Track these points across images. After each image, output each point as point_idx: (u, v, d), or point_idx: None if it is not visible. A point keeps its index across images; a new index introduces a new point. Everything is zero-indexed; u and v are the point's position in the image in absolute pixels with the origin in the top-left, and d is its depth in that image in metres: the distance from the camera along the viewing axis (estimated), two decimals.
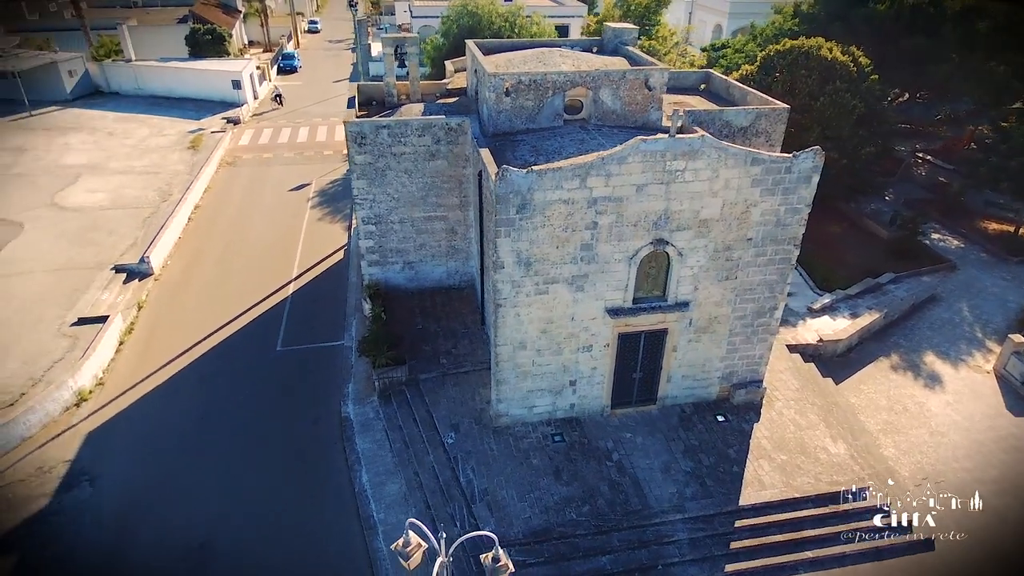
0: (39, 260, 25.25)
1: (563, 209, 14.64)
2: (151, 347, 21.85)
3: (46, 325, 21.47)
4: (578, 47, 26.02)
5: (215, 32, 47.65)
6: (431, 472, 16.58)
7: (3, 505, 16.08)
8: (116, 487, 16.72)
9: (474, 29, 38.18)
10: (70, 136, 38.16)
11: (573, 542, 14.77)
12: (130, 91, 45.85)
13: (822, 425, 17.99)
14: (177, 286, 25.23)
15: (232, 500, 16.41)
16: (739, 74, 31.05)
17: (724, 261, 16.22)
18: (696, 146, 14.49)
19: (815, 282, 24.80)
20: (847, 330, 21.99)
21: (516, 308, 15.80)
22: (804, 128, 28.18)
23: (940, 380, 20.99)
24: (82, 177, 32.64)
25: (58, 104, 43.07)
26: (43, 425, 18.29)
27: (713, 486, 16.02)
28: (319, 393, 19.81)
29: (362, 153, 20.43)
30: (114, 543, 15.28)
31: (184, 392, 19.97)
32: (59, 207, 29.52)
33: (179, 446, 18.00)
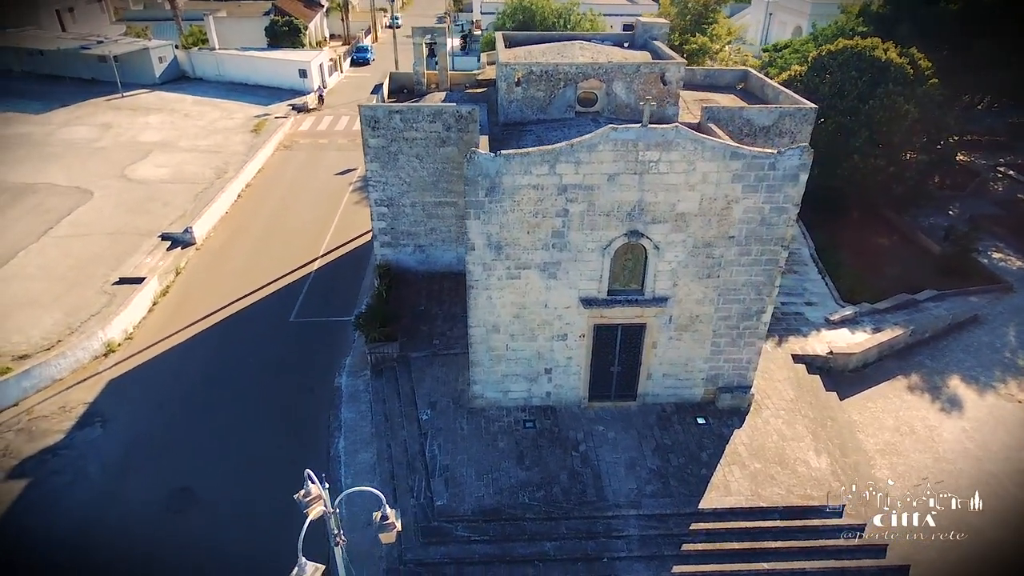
0: (99, 224, 27.76)
1: (533, 194, 14.77)
2: (181, 309, 23.61)
3: (92, 282, 23.63)
4: (608, 41, 25.87)
5: (292, 24, 50.38)
6: (402, 445, 17.12)
7: (25, 436, 17.95)
8: (122, 430, 18.29)
9: (527, 24, 38.61)
10: (151, 116, 41.50)
11: (521, 525, 14.89)
12: (212, 77, 49.23)
13: (809, 438, 17.18)
14: (215, 256, 27.07)
15: (219, 452, 17.58)
16: (788, 74, 29.87)
17: (704, 258, 15.82)
18: (670, 137, 14.24)
19: (841, 293, 23.53)
20: (862, 344, 20.81)
21: (488, 291, 16.06)
22: (851, 132, 26.79)
23: (960, 405, 19.52)
24: (152, 153, 35.47)
25: (147, 87, 46.86)
26: (72, 369, 20.21)
27: (676, 486, 15.68)
28: (320, 363, 20.79)
29: (375, 136, 21.24)
30: (109, 479, 16.76)
31: (200, 352, 21.48)
32: (127, 179, 32.25)
33: (185, 400, 19.42)
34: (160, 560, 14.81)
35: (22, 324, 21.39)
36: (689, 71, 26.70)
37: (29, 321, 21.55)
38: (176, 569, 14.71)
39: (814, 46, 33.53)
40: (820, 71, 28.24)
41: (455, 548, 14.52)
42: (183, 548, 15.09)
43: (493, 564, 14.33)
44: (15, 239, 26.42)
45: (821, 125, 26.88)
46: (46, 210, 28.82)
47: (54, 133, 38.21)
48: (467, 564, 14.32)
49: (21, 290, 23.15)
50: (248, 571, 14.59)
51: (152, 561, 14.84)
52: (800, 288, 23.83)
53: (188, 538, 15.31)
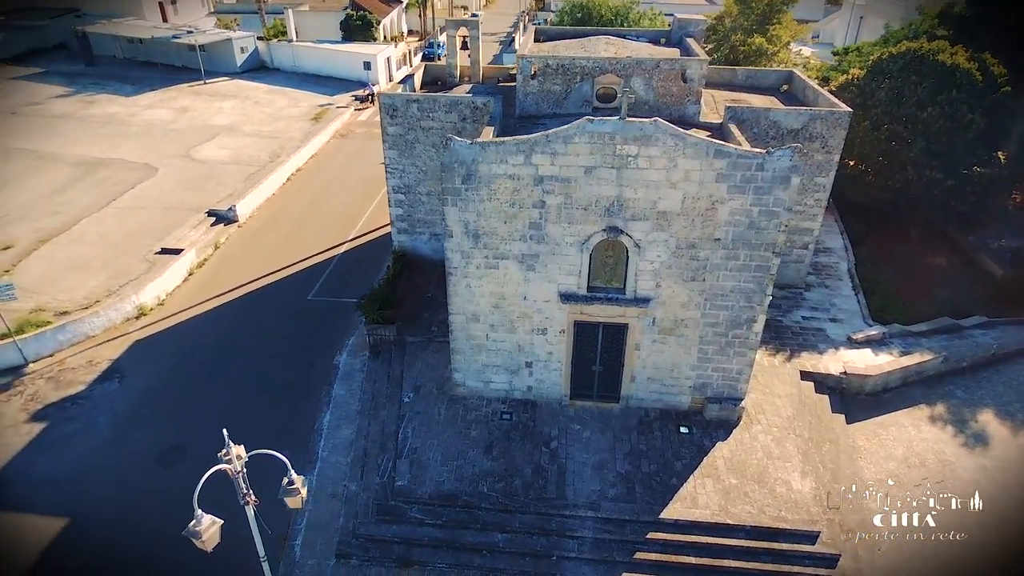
0: (156, 199, 29.87)
1: (509, 184, 14.70)
2: (212, 281, 25.07)
3: (138, 250, 25.50)
4: (644, 38, 25.33)
5: (365, 19, 52.18)
6: (380, 425, 17.50)
7: (53, 384, 19.65)
8: (136, 387, 19.66)
9: (584, 21, 38.30)
10: (226, 102, 44.16)
11: (475, 513, 14.89)
12: (288, 67, 51.78)
13: (798, 458, 16.18)
14: (253, 234, 28.53)
15: (217, 415, 18.35)
16: (846, 78, 28.13)
17: (689, 260, 15.22)
18: (648, 131, 13.81)
19: (871, 311, 21.95)
20: (882, 367, 19.36)
21: (467, 279, 16.12)
22: (906, 142, 24.92)
23: (986, 441, 17.82)
24: (218, 136, 37.76)
25: (228, 75, 49.85)
26: (105, 328, 21.91)
27: (641, 493, 15.20)
28: (326, 341, 21.51)
29: (394, 124, 21.74)
30: (114, 430, 18.08)
31: (221, 321, 22.74)
32: (190, 159, 34.52)
33: (197, 365, 20.62)
34: (144, 510, 15.80)
35: (71, 284, 23.38)
36: (730, 71, 25.81)
37: (77, 282, 23.52)
38: (157, 520, 15.64)
39: (882, 49, 31.37)
40: (879, 75, 26.42)
41: (406, 528, 14.71)
42: (167, 500, 16.02)
43: (441, 548, 14.42)
44: (83, 207, 28.87)
45: (874, 133, 25.22)
46: (114, 183, 31.30)
47: (138, 114, 41.39)
48: (416, 545, 14.47)
49: (76, 253, 25.30)
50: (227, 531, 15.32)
51: (138, 509, 15.88)
52: (828, 303, 22.42)
53: (172, 492, 16.22)
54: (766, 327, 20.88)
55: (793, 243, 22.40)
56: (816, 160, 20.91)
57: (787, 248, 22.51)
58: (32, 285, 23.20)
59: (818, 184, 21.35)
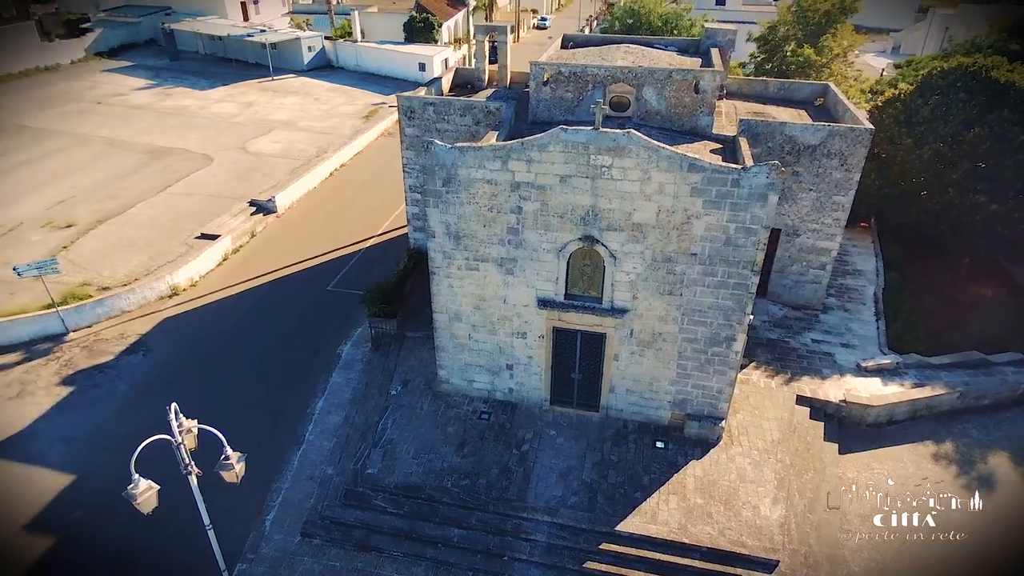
0: (206, 187, 31.91)
1: (487, 189, 15.03)
2: (244, 267, 26.61)
3: (180, 234, 27.37)
4: (673, 46, 25.00)
5: (427, 21, 53.58)
6: (365, 414, 18.19)
7: (86, 353, 21.46)
8: (157, 360, 21.20)
9: (633, 28, 38.07)
10: (288, 98, 46.45)
11: (435, 507, 15.30)
12: (351, 66, 53.86)
13: (773, 484, 15.71)
14: (289, 225, 30.02)
15: (222, 393, 19.74)
16: (892, 92, 26.77)
17: (665, 273, 15.07)
18: (621, 142, 13.81)
19: (888, 339, 20.88)
20: (887, 397, 18.43)
21: (449, 279, 16.55)
22: (950, 162, 23.51)
23: (992, 485, 16.70)
24: (275, 130, 39.84)
25: (295, 73, 52.35)
26: (139, 304, 23.69)
27: (602, 503, 15.18)
28: (334, 330, 22.46)
29: (411, 125, 22.43)
30: (131, 398, 19.60)
31: (244, 305, 24.14)
32: (244, 151, 36.61)
33: (213, 344, 22.00)
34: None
35: (117, 262, 25.40)
36: (761, 82, 25.18)
37: (123, 260, 25.53)
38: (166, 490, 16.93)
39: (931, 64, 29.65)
40: (927, 91, 25.02)
41: (369, 515, 15.28)
42: (164, 468, 17.30)
43: (399, 538, 14.91)
44: (141, 192, 31.21)
45: (916, 152, 23.94)
46: (172, 171, 33.64)
47: (207, 107, 44.18)
48: (375, 532, 15.03)
49: (127, 234, 27.43)
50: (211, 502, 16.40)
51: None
52: (843, 328, 21.49)
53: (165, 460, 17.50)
54: (769, 347, 20.47)
55: (809, 263, 21.65)
56: (834, 178, 20.16)
57: (803, 268, 21.82)
58: (84, 261, 25.38)
59: (836, 203, 20.54)
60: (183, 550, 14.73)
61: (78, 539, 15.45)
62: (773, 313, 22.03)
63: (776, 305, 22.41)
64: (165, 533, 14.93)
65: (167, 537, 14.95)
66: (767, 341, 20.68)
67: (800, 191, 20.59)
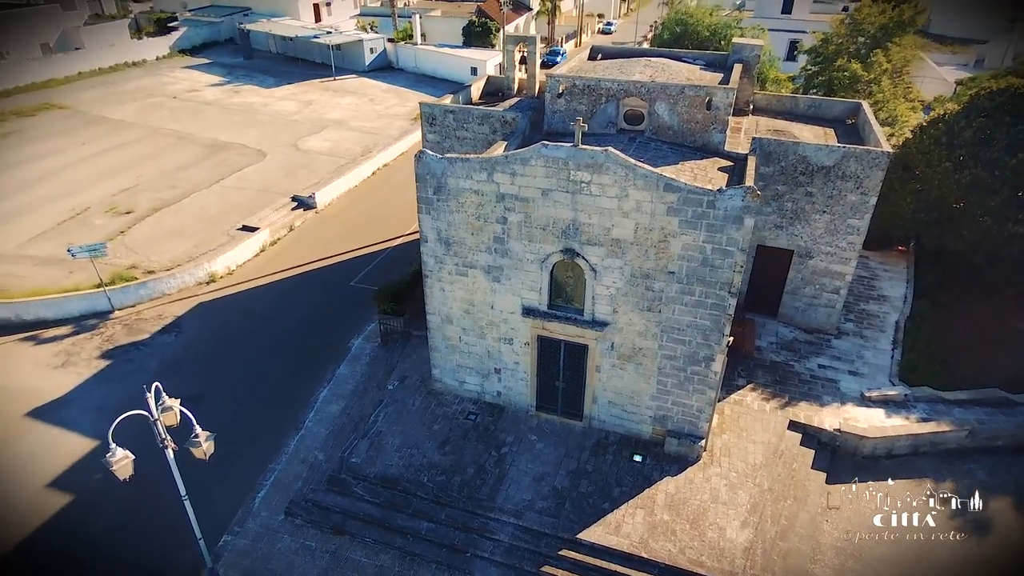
0: (255, 181, 33.92)
1: (474, 199, 15.61)
2: (278, 259, 28.23)
3: (224, 225, 29.31)
4: (701, 60, 24.81)
5: (485, 25, 54.66)
6: (360, 406, 19.15)
7: (126, 330, 23.43)
8: (187, 341, 22.92)
9: (681, 38, 37.78)
10: (345, 98, 48.48)
11: (409, 499, 16.02)
12: (410, 68, 55.59)
13: (745, 508, 15.59)
14: (327, 221, 31.54)
15: (236, 377, 21.20)
16: (936, 113, 25.62)
17: (644, 290, 15.24)
18: (599, 159, 14.10)
19: (900, 369, 20.12)
20: (886, 430, 17.84)
21: (440, 283, 17.24)
22: (990, 189, 22.36)
23: (988, 529, 15.92)
24: (327, 129, 41.76)
25: (356, 73, 54.52)
26: (178, 289, 25.60)
27: (568, 511, 15.49)
28: (348, 324, 23.59)
29: (432, 132, 23.27)
30: (157, 375, 21.25)
31: (270, 295, 25.66)
32: (296, 148, 38.59)
33: (240, 329, 23.57)
34: (152, 445, 18.62)
35: (165, 249, 27.50)
36: (791, 99, 24.68)
37: (170, 247, 27.61)
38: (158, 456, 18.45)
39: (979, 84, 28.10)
40: (972, 113, 23.83)
41: (347, 501, 16.17)
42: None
43: (371, 525, 15.72)
44: (196, 183, 33.53)
45: (954, 176, 22.90)
46: (228, 164, 35.91)
47: (270, 105, 46.72)
48: (351, 517, 15.89)
49: (178, 223, 29.60)
50: (211, 477, 17.72)
51: (150, 442, 18.75)
52: (855, 355, 20.85)
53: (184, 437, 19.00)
54: (771, 369, 20.17)
55: (823, 286, 21.13)
56: (849, 201, 19.63)
57: (816, 291, 21.33)
58: (136, 245, 27.61)
59: (851, 226, 19.98)
60: (180, 519, 16.02)
61: (92, 500, 17.04)
62: (783, 335, 21.61)
63: (788, 327, 21.96)
64: (168, 496, 16.22)
65: (170, 500, 16.24)
66: (770, 363, 20.34)
67: (813, 212, 20.15)
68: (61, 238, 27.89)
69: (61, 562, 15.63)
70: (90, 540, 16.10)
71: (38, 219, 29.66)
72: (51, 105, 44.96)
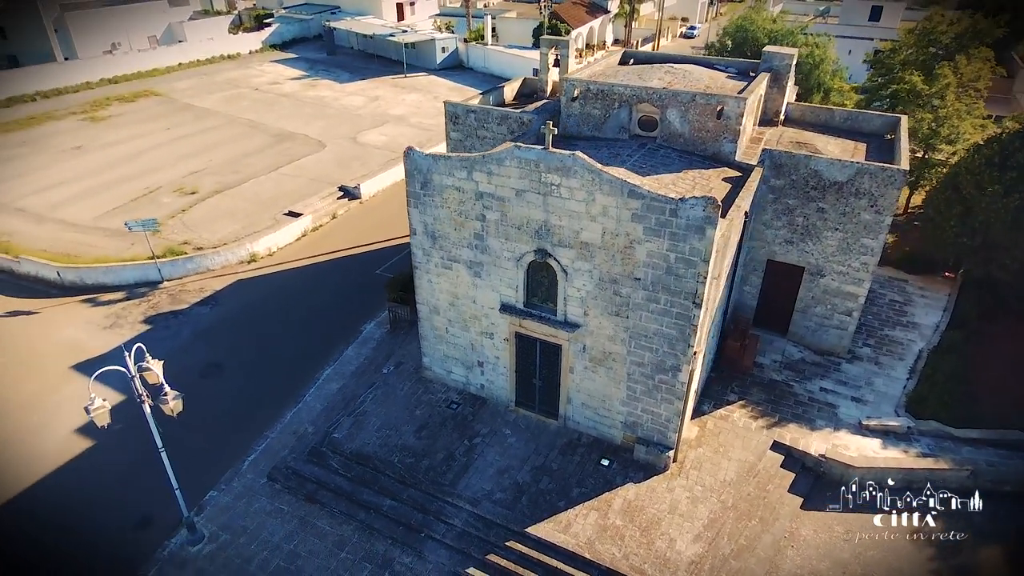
0: (311, 170, 35.99)
1: (456, 195, 16.22)
2: (317, 244, 29.96)
3: (273, 210, 31.38)
4: (732, 68, 24.28)
5: (555, 27, 55.02)
6: (355, 387, 20.22)
7: (170, 299, 25.69)
8: (220, 314, 24.87)
9: (741, 45, 36.87)
10: (411, 95, 50.27)
11: (377, 476, 16.86)
12: (479, 68, 56.83)
13: (703, 523, 15.37)
14: (368, 211, 33.08)
15: (256, 349, 22.84)
16: (989, 133, 23.89)
17: (612, 295, 15.34)
18: (567, 163, 14.36)
19: (908, 399, 19.01)
20: (875, 461, 17.00)
21: (428, 275, 17.98)
22: None
23: None
24: (387, 124, 43.55)
25: (427, 71, 56.35)
26: (222, 265, 27.73)
27: (524, 504, 15.84)
28: (365, 309, 24.77)
29: (455, 130, 24.05)
30: (190, 342, 23.30)
31: (301, 277, 27.33)
32: (354, 141, 40.54)
33: (263, 307, 25.28)
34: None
35: (217, 228, 29.82)
36: (827, 111, 23.77)
37: (222, 227, 29.91)
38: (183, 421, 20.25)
39: None
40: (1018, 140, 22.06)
41: (322, 472, 17.21)
42: (188, 402, 20.59)
43: (340, 496, 16.67)
44: (257, 169, 35.99)
45: (1003, 200, 21.37)
46: (288, 154, 38.27)
47: (340, 99, 49.18)
48: (323, 488, 16.92)
49: (233, 205, 31.96)
50: (214, 438, 19.26)
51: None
52: (863, 381, 19.89)
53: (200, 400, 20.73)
54: (768, 388, 19.66)
55: (834, 307, 20.30)
56: (863, 219, 18.81)
57: (827, 311, 20.53)
58: (193, 223, 30.09)
59: (865, 246, 19.10)
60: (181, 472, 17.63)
61: (111, 446, 18.96)
62: (790, 354, 20.91)
63: (797, 347, 21.23)
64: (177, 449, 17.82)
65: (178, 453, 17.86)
66: (768, 381, 19.77)
67: (825, 229, 19.41)
68: (131, 213, 30.76)
69: (79, 502, 17.49)
70: (102, 484, 17.93)
71: (115, 195, 32.84)
72: (149, 92, 49.33)
